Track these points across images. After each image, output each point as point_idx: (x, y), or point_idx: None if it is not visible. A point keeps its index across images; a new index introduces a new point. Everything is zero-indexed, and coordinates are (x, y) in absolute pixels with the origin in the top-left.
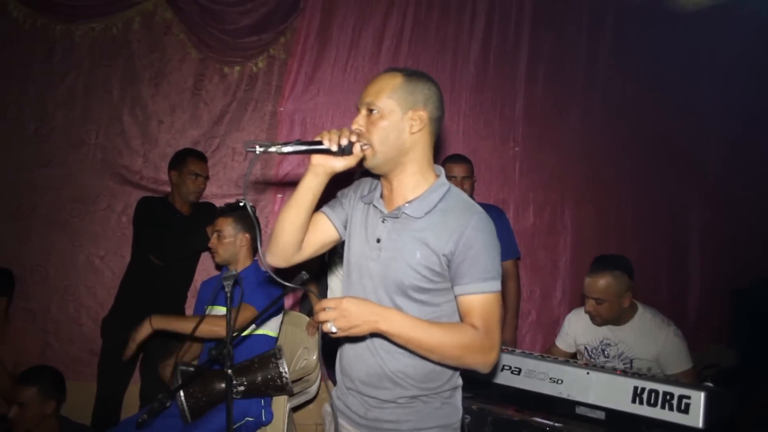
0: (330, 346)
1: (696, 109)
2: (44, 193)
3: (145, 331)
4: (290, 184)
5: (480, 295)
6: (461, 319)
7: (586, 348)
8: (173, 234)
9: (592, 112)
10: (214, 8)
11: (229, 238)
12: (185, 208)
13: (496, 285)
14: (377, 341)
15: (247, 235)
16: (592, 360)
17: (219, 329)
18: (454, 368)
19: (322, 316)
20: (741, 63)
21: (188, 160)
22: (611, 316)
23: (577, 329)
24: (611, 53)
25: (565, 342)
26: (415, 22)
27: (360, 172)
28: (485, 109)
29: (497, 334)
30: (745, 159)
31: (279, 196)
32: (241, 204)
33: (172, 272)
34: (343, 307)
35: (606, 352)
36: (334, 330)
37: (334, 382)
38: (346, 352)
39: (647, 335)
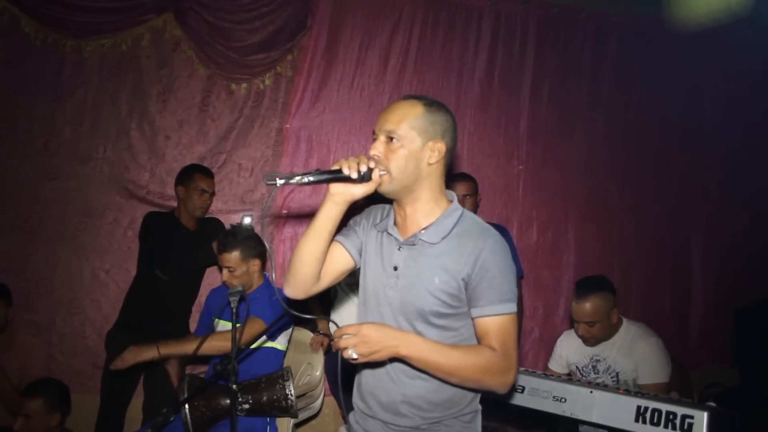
0: (346, 373)
1: (698, 129)
2: (51, 207)
3: (149, 354)
4: (295, 202)
5: (497, 317)
6: (478, 341)
7: (577, 367)
8: (179, 249)
9: (596, 131)
10: (222, 26)
11: (241, 270)
12: (191, 223)
13: (512, 307)
14: (397, 367)
15: (257, 260)
16: (584, 378)
17: (226, 344)
18: (475, 392)
19: (342, 343)
20: (743, 84)
21: (195, 176)
22: (603, 334)
23: (569, 350)
24: (615, 73)
25: (558, 364)
26: (421, 40)
27: (365, 199)
28: (489, 127)
29: (514, 355)
30: (747, 179)
31: (284, 212)
32: (245, 222)
33: (177, 287)
34: (363, 333)
35: (596, 369)
36: (355, 356)
37: (350, 408)
38: (365, 378)
39: (629, 346)
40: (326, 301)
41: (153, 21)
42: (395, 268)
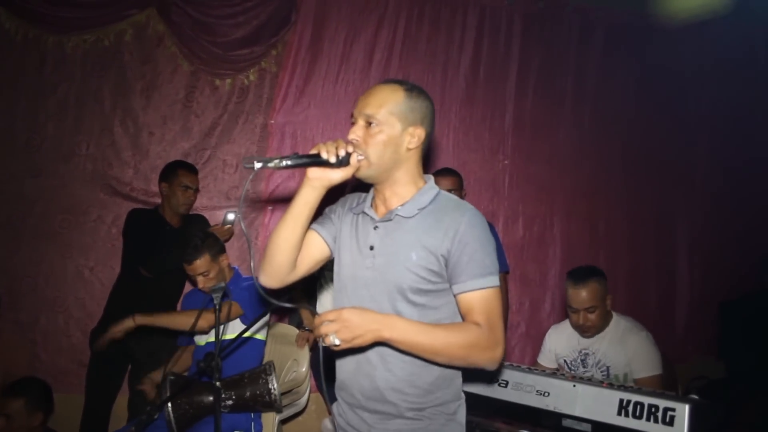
0: (329, 363)
1: (684, 121)
2: (34, 204)
3: (126, 324)
4: (281, 195)
5: (480, 291)
6: (463, 318)
7: (565, 361)
8: (163, 246)
9: (581, 125)
10: (206, 21)
11: (215, 270)
12: (175, 220)
13: (495, 280)
14: (377, 352)
15: (224, 254)
16: (572, 372)
17: (203, 323)
18: (458, 371)
19: (323, 330)
20: (728, 76)
21: (179, 172)
22: (601, 322)
23: (557, 344)
24: (600, 67)
25: (547, 358)
26: (406, 35)
27: (351, 186)
28: (475, 122)
29: (501, 329)
30: (733, 171)
31: (269, 208)
32: (229, 218)
33: (161, 284)
34: (344, 317)
35: (585, 362)
36: (337, 342)
37: (333, 400)
38: (346, 366)
39: (620, 341)
40: (312, 294)
41: (136, 16)
42: (371, 248)
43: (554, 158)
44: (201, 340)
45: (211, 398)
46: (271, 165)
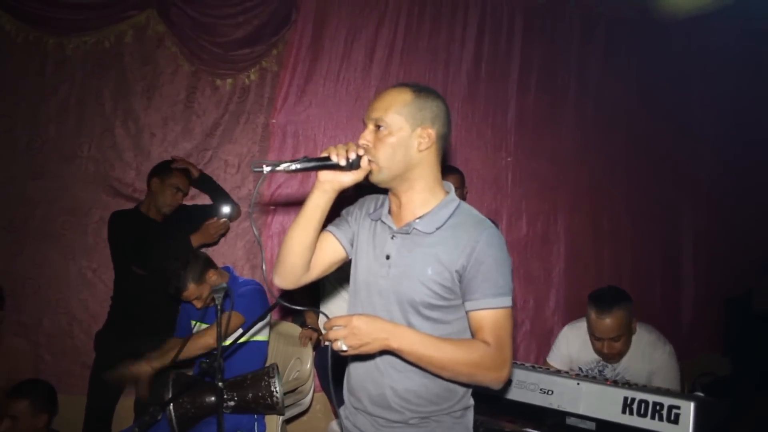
0: (337, 366)
1: (688, 117)
2: (36, 206)
3: (144, 372)
4: (283, 194)
5: (491, 311)
6: (472, 335)
7: (580, 368)
8: (151, 242)
9: (584, 121)
10: (206, 21)
11: (205, 291)
12: (158, 216)
13: (508, 300)
14: (386, 360)
15: (209, 271)
16: None
17: (210, 339)
18: (466, 387)
19: (331, 335)
20: (732, 70)
21: (174, 173)
22: (626, 347)
23: (573, 347)
24: (603, 62)
25: (559, 359)
26: (407, 33)
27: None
28: (477, 119)
29: (509, 350)
30: (737, 166)
31: (272, 207)
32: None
33: (158, 280)
34: (353, 324)
35: (603, 372)
36: (344, 348)
37: (340, 403)
38: (355, 371)
39: (643, 354)
40: (315, 295)
41: (136, 17)
42: (387, 257)
43: (557, 155)
44: None
45: (213, 399)
46: (280, 169)
